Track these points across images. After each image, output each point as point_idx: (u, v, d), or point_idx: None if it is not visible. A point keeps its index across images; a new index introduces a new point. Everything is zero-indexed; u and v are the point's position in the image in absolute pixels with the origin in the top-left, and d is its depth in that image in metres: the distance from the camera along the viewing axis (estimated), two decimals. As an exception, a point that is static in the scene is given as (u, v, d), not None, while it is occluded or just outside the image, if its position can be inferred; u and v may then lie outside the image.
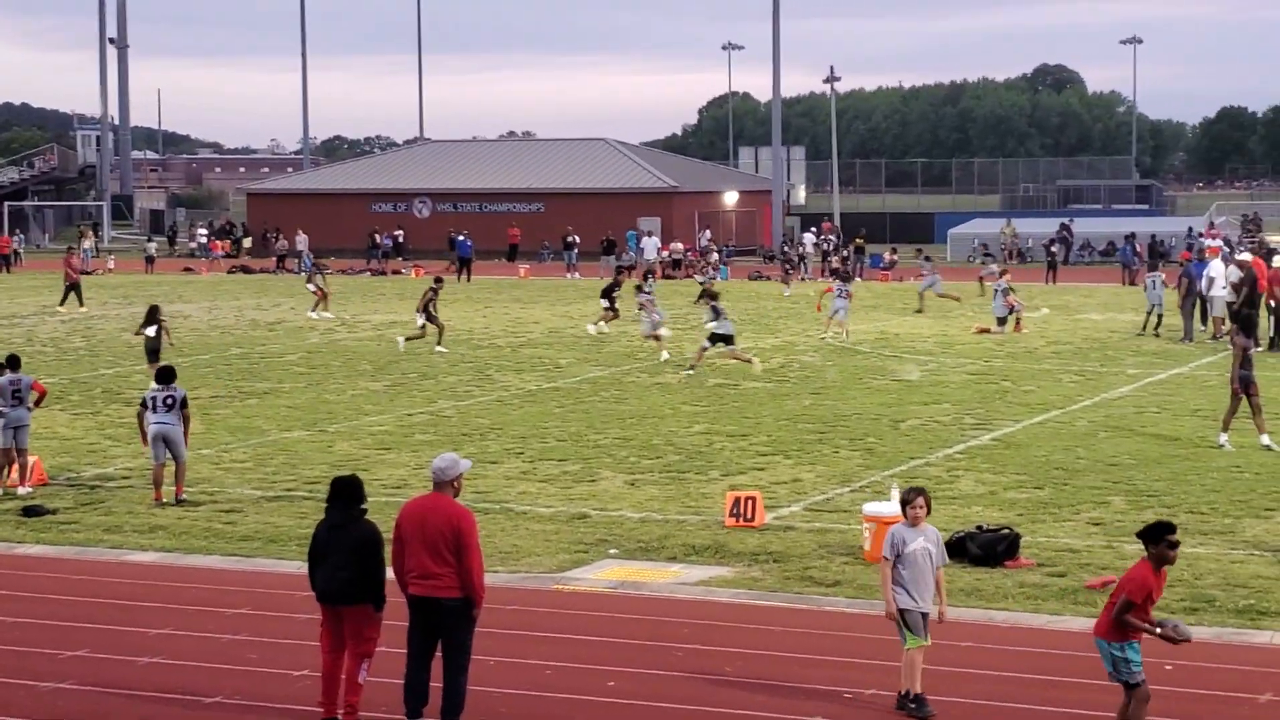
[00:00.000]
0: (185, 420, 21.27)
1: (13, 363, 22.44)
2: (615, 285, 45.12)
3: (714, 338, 34.30)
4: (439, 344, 38.97)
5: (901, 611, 12.71)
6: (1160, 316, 41.48)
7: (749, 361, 34.25)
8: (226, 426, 27.13)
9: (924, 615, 12.79)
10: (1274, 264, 39.65)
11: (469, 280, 66.42)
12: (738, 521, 19.37)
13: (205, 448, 24.68)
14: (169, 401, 21.06)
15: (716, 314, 34.58)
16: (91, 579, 17.56)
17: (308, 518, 19.55)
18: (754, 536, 18.87)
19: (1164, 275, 43.33)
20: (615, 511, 20.47)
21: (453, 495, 12.38)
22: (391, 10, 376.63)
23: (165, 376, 21.39)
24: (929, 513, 12.88)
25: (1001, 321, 42.50)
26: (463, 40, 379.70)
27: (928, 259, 53.23)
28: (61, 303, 51.75)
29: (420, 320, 39.57)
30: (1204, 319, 40.53)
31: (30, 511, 20.60)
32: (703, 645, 14.78)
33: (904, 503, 12.93)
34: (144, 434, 21.25)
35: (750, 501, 19.58)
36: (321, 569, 12.41)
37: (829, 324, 42.40)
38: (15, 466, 21.91)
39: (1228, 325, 36.12)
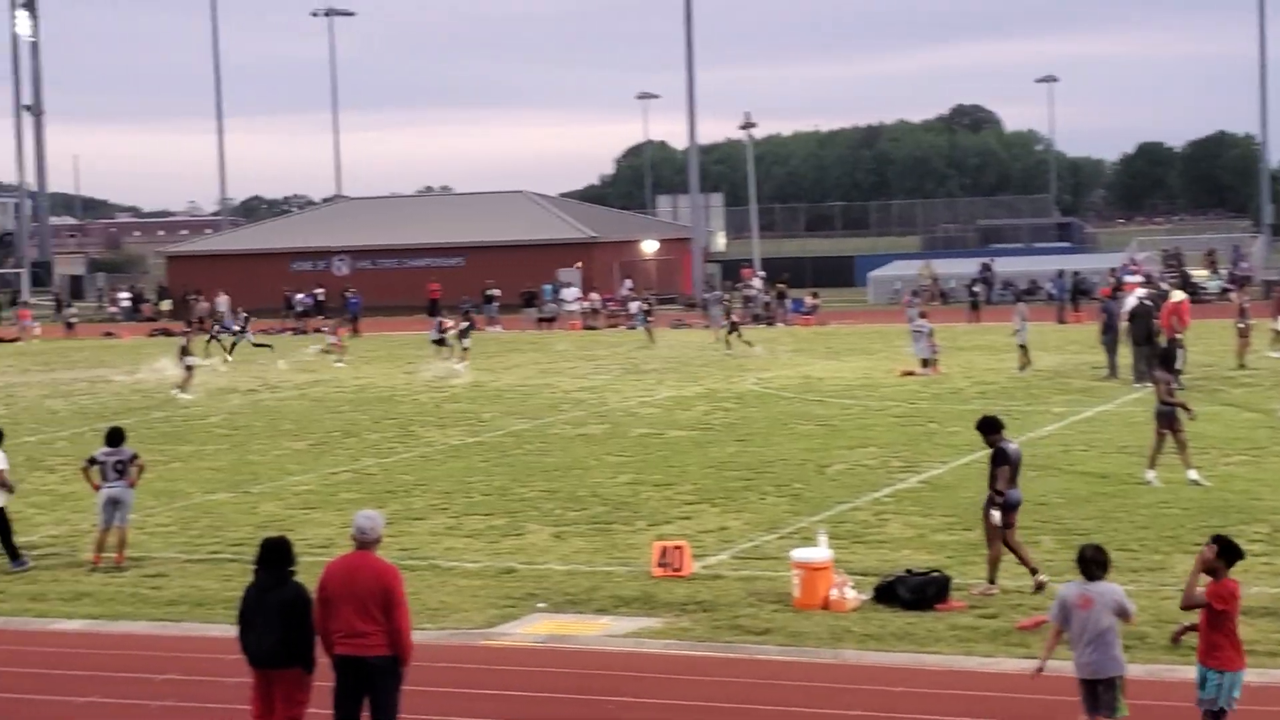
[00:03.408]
0: (140, 470, 21.34)
1: None
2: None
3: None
4: (185, 391, 42.67)
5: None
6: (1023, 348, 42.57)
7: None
8: (150, 490, 26.81)
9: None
10: (1171, 298, 40.17)
11: (356, 335, 66.22)
12: (665, 571, 19.32)
13: (129, 513, 24.39)
14: (119, 467, 20.96)
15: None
16: (17, 649, 17.33)
17: (233, 580, 19.38)
18: (682, 586, 18.83)
19: (1026, 309, 44.38)
20: (542, 565, 20.39)
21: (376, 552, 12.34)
22: (306, 69, 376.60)
23: (114, 439, 21.24)
24: None
25: (925, 363, 42.80)
26: (378, 96, 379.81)
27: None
28: None
29: (189, 362, 43.59)
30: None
31: (-49, 583, 20.31)
32: (634, 697, 14.73)
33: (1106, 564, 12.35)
34: (93, 485, 21.19)
35: (678, 551, 19.55)
36: (251, 633, 12.31)
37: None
38: None
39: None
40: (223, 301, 76.85)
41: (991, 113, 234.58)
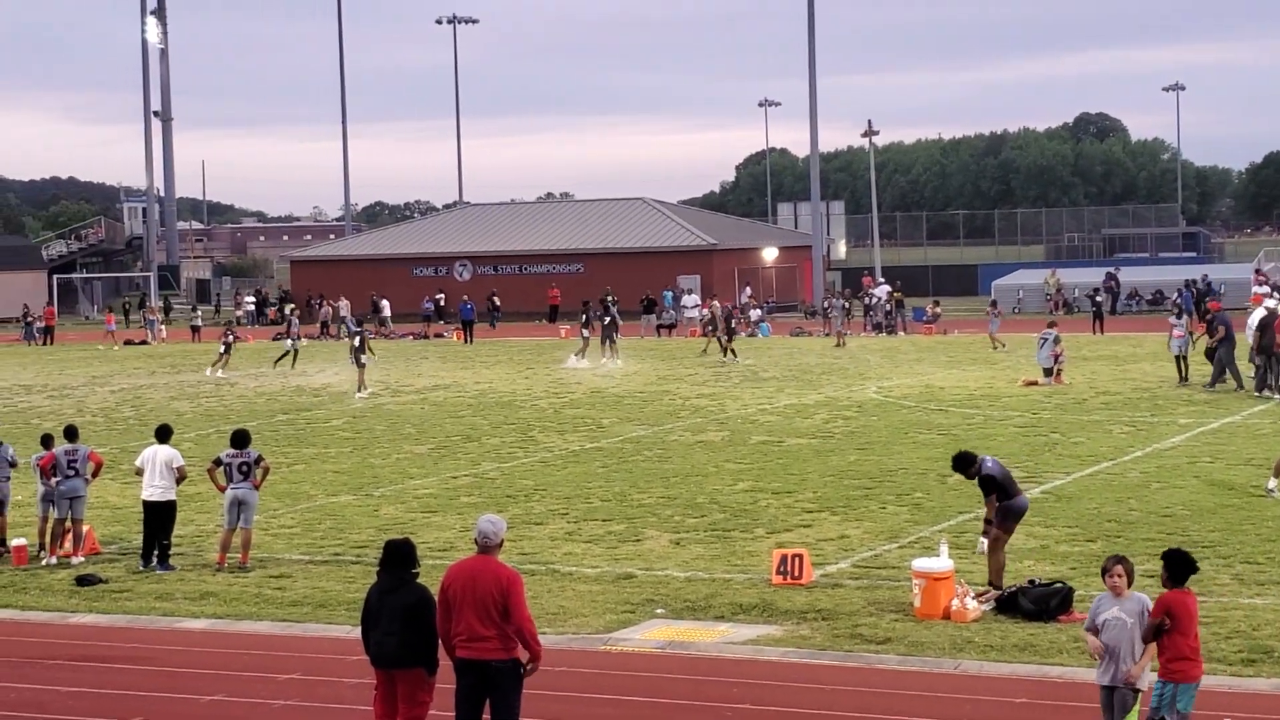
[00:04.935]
0: (265, 472, 21.70)
1: (70, 434, 22.75)
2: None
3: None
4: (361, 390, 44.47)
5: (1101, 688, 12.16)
6: (1184, 360, 41.59)
7: None
8: (274, 492, 27.18)
9: (1114, 689, 12.07)
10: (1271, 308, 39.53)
11: (470, 342, 67.04)
12: (785, 579, 19.28)
13: (254, 514, 24.72)
14: (244, 468, 21.31)
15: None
16: (144, 647, 17.63)
17: (356, 582, 19.60)
18: (802, 594, 18.77)
19: (1189, 321, 43.65)
20: (661, 571, 20.41)
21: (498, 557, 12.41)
22: (429, 75, 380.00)
23: (239, 441, 21.60)
24: (1130, 582, 12.20)
25: (1048, 372, 42.32)
26: (500, 103, 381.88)
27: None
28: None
29: (364, 360, 45.38)
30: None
31: (83, 581, 20.70)
32: (752, 705, 14.70)
33: (1103, 571, 12.28)
34: (219, 486, 21.56)
35: (797, 559, 19.49)
36: (373, 633, 12.43)
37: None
38: (69, 536, 22.06)
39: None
40: (344, 306, 77.72)
41: (1117, 121, 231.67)
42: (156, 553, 21.42)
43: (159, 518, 21.45)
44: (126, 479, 29.07)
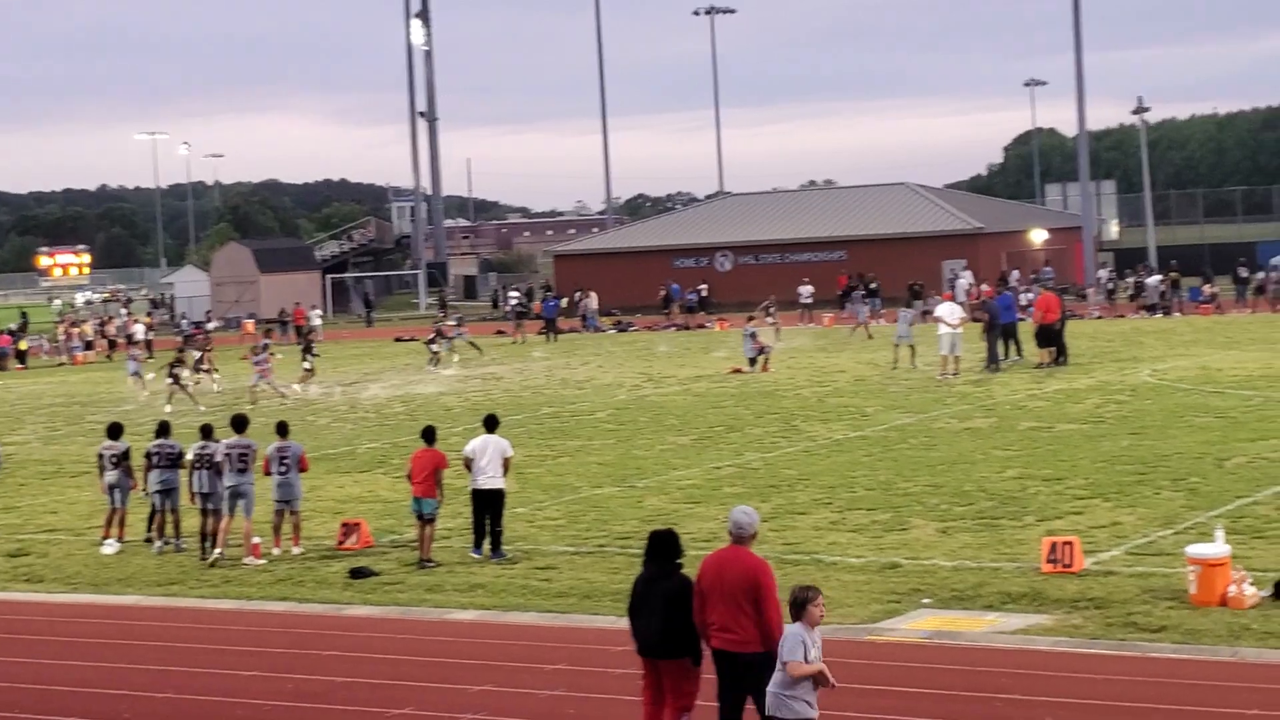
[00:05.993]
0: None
1: (281, 430, 23.39)
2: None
3: None
4: None
5: None
6: None
7: None
8: (539, 484, 27.56)
9: None
10: None
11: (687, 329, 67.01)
12: (1055, 567, 18.85)
13: (520, 506, 25.08)
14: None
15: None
16: (415, 638, 17.98)
17: (620, 573, 19.72)
18: (1073, 582, 18.32)
19: None
20: (927, 560, 20.12)
21: (750, 548, 12.34)
22: (688, 66, 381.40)
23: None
24: None
25: None
26: (758, 92, 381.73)
27: None
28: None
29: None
30: None
31: (357, 574, 21.21)
32: (1023, 695, 14.39)
33: None
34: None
35: (1068, 546, 19.05)
36: (638, 622, 12.49)
37: None
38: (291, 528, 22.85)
39: None
40: (593, 299, 78.45)
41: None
42: (490, 541, 21.76)
43: (489, 505, 21.78)
44: (396, 474, 29.76)
